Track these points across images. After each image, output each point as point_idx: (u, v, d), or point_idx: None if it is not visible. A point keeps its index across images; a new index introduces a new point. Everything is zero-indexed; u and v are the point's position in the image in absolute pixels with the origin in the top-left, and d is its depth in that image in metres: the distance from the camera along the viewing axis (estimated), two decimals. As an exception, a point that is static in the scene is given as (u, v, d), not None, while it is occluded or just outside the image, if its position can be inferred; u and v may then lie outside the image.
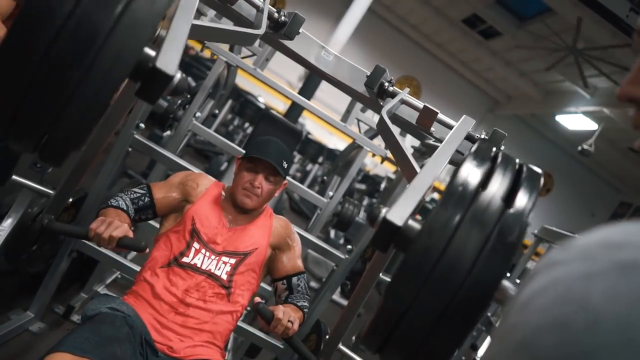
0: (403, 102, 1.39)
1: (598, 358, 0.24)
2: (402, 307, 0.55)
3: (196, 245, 1.39)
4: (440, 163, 0.90)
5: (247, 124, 6.55)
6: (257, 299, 1.24)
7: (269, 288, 2.34)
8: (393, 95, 1.43)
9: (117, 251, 1.48)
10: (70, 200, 1.76)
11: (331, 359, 1.60)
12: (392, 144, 1.08)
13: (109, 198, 1.44)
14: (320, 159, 6.45)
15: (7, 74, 0.56)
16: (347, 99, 2.35)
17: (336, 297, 3.90)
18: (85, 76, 0.55)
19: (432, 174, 0.80)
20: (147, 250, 1.19)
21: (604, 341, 0.24)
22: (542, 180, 0.65)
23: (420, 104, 1.39)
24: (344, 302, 3.88)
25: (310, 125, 8.56)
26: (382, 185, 5.40)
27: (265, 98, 6.84)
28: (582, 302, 0.26)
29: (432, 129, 1.44)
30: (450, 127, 1.37)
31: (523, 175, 0.64)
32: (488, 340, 2.74)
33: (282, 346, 1.87)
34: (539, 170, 0.67)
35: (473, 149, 0.68)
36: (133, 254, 2.67)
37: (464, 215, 0.56)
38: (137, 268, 1.82)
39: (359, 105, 2.39)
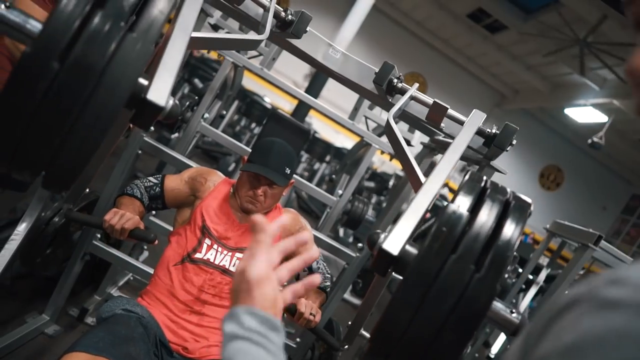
0: (412, 98, 1.38)
1: None
2: (399, 329, 0.60)
3: (207, 241, 1.40)
4: (450, 165, 0.91)
5: (253, 124, 6.56)
6: None
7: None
8: (402, 91, 1.42)
9: (129, 241, 1.65)
10: (83, 203, 1.78)
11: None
12: (398, 149, 1.08)
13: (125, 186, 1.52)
14: (328, 158, 6.44)
15: (8, 112, 0.59)
16: (354, 97, 2.34)
17: (348, 296, 3.90)
18: (82, 111, 0.59)
19: (438, 184, 0.84)
20: (157, 242, 1.27)
21: None
22: (529, 211, 0.71)
23: (429, 100, 1.38)
24: (356, 301, 3.87)
25: (317, 124, 8.55)
26: (391, 183, 5.38)
27: (271, 98, 6.84)
28: None
29: (442, 124, 1.44)
30: (460, 122, 1.36)
31: (511, 205, 0.70)
32: (502, 337, 2.72)
33: (294, 345, 1.87)
34: (527, 200, 0.73)
35: (464, 180, 0.75)
36: (145, 255, 2.69)
37: (456, 244, 0.62)
38: (149, 269, 1.83)
39: (366, 103, 2.39)
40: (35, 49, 0.56)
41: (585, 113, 9.17)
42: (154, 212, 2.33)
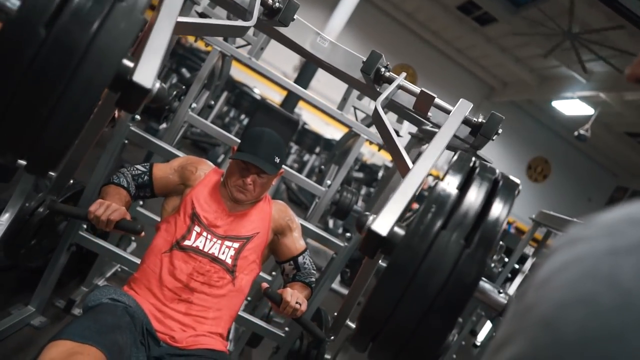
0: (400, 87, 1.38)
1: (628, 338, 0.23)
2: (387, 308, 0.59)
3: (197, 228, 1.40)
4: (437, 151, 0.91)
5: (243, 116, 6.52)
6: (265, 284, 1.32)
7: (269, 277, 2.35)
8: (390, 80, 1.42)
9: (116, 233, 1.56)
10: (69, 194, 1.75)
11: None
12: (386, 137, 1.08)
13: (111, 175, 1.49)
14: (317, 149, 6.44)
15: None
16: (343, 88, 2.34)
17: (336, 285, 3.92)
18: (66, 89, 0.57)
19: (425, 168, 0.84)
20: (143, 233, 1.24)
21: (635, 321, 0.23)
22: (518, 190, 0.71)
23: (417, 89, 1.38)
24: (344, 291, 3.90)
25: (307, 116, 8.53)
26: (380, 174, 5.40)
27: (260, 89, 6.80)
28: (611, 279, 0.25)
29: (429, 114, 1.44)
30: (447, 111, 1.36)
31: (500, 184, 0.70)
32: (488, 325, 2.76)
33: (282, 334, 1.88)
34: (516, 180, 0.73)
35: (453, 160, 0.74)
36: (133, 246, 2.67)
37: (445, 221, 0.61)
38: (137, 260, 1.82)
39: (355, 93, 2.38)
40: (15, 22, 0.55)
41: (572, 105, 9.27)
42: (140, 202, 2.31)
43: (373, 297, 0.60)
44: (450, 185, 0.66)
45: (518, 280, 2.33)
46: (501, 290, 0.72)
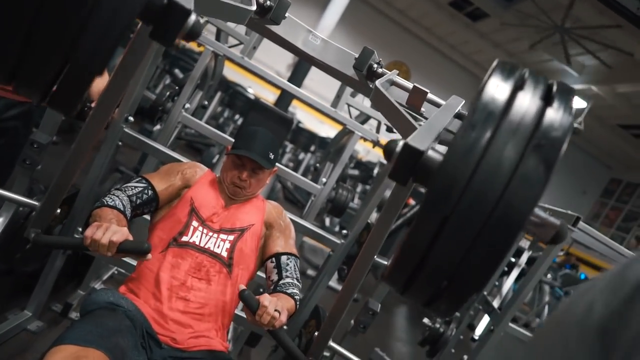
0: (392, 83, 1.39)
1: None
2: (426, 242, 0.50)
3: (195, 223, 1.40)
4: (444, 119, 0.88)
5: (237, 116, 6.51)
6: (242, 286, 1.16)
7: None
8: (382, 76, 1.43)
9: (118, 257, 1.28)
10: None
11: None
12: (393, 114, 1.06)
13: (101, 195, 1.40)
14: (313, 148, 6.44)
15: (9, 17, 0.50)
16: (336, 86, 2.34)
17: (333, 283, 3.93)
18: (92, 11, 0.51)
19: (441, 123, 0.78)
20: (150, 255, 1.11)
21: None
22: (574, 95, 0.58)
23: (409, 85, 1.39)
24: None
25: (301, 115, 8.52)
26: (375, 171, 5.41)
27: (254, 89, 6.79)
28: None
29: (423, 109, 1.44)
30: (439, 106, 1.37)
31: (554, 87, 0.57)
32: (485, 319, 2.77)
33: (282, 333, 1.88)
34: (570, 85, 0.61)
35: (494, 65, 0.60)
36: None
37: (494, 131, 0.50)
38: (134, 263, 1.82)
39: (348, 91, 2.38)
40: None
41: (565, 99, 9.31)
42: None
43: (416, 224, 0.51)
44: (499, 88, 0.54)
45: (514, 273, 2.34)
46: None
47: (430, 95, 1.37)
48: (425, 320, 2.60)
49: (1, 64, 0.53)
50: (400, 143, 0.58)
